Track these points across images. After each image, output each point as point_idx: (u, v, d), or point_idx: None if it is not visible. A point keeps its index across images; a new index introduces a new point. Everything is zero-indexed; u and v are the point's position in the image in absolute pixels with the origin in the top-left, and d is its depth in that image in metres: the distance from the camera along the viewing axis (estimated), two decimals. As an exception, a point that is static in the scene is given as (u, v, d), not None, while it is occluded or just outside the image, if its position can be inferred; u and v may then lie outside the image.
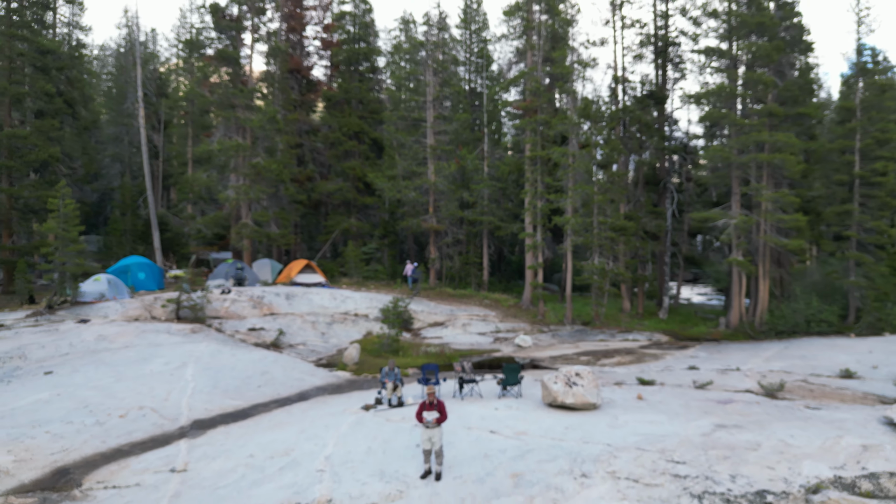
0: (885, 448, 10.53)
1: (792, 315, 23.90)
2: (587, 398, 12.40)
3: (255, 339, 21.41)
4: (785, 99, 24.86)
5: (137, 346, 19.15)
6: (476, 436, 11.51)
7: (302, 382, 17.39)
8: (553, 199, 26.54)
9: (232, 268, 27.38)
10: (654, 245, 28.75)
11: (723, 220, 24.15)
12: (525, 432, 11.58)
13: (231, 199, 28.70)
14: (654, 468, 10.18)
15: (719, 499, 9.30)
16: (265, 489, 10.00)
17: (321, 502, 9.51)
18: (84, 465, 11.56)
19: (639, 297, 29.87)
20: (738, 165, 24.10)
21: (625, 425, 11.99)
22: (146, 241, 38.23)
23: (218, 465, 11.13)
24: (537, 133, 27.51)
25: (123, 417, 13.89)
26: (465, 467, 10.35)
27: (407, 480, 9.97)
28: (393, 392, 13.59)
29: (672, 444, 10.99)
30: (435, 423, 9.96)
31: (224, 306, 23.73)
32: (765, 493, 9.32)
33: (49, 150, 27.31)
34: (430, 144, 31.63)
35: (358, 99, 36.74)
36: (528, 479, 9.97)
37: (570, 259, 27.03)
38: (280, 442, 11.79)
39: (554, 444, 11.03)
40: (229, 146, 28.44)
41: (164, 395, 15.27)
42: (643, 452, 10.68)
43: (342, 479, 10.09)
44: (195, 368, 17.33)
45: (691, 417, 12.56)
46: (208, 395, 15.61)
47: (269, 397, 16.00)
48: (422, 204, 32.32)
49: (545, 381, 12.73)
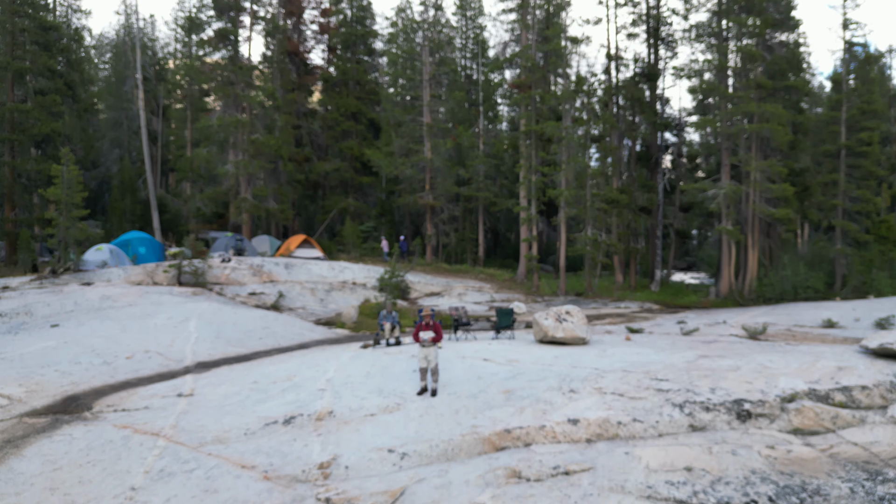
0: (859, 368, 11.10)
1: (780, 283, 24.51)
2: (577, 333, 12.92)
3: (255, 302, 21.90)
4: (773, 73, 25.46)
5: (141, 305, 19.60)
6: (470, 363, 12.03)
7: (302, 336, 17.89)
8: (547, 171, 27.09)
9: (231, 240, 27.87)
10: (646, 220, 29.33)
11: (712, 190, 24.73)
12: (517, 360, 12.11)
13: (230, 173, 29.16)
14: (639, 385, 10.72)
15: (699, 406, 9.86)
16: (269, 405, 10.50)
17: (322, 413, 10.03)
18: (93, 394, 12.04)
19: (631, 270, 30.43)
20: (728, 137, 24.67)
21: (612, 356, 12.54)
22: (146, 222, 38.66)
23: (223, 390, 11.63)
24: (532, 108, 28.04)
25: (130, 359, 14.36)
26: (459, 386, 10.87)
27: (404, 396, 10.49)
28: (391, 333, 14.09)
29: (657, 368, 11.54)
30: (431, 341, 10.46)
31: (224, 273, 24.19)
32: (742, 402, 9.87)
33: (51, 124, 27.74)
34: (426, 122, 32.13)
35: (355, 80, 37.23)
36: (519, 394, 10.50)
37: (564, 231, 27.57)
38: (282, 371, 12.30)
39: (544, 369, 11.57)
40: (229, 122, 28.90)
41: (169, 343, 15.74)
42: (629, 374, 11.23)
43: (342, 395, 10.60)
44: (198, 323, 17.80)
45: (677, 351, 13.11)
46: (211, 343, 16.08)
47: (270, 347, 16.49)
48: (419, 181, 32.84)
49: (536, 317, 13.26)
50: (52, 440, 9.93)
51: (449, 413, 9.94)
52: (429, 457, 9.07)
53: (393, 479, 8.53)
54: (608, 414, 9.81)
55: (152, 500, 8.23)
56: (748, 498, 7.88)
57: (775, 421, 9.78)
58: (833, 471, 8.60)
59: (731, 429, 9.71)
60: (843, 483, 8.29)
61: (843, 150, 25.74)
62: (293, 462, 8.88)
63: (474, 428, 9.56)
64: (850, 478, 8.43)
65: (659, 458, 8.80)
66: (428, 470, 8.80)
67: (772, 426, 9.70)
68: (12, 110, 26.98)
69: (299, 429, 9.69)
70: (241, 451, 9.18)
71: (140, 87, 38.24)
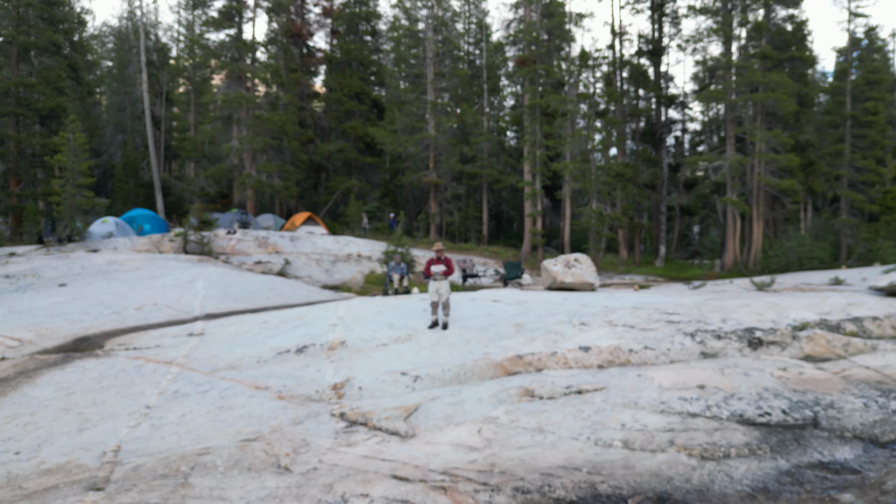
0: (869, 303, 11.11)
1: (785, 254, 24.47)
2: (586, 278, 12.93)
3: (261, 269, 21.93)
4: (778, 44, 25.43)
5: (147, 269, 19.64)
6: (480, 304, 12.05)
7: (309, 297, 17.90)
8: (552, 145, 27.07)
9: (236, 215, 27.89)
10: (650, 196, 29.34)
11: (718, 162, 24.71)
12: (526, 301, 12.13)
13: (235, 149, 29.17)
14: (650, 318, 10.74)
15: (710, 335, 9.87)
16: (280, 339, 10.53)
17: (335, 343, 10.05)
18: (104, 335, 12.06)
19: (635, 246, 30.43)
20: (733, 108, 24.65)
21: (622, 298, 12.55)
22: (149, 204, 38.71)
23: (233, 330, 11.65)
24: (536, 83, 28.03)
25: (139, 309, 14.39)
26: (469, 321, 10.89)
27: (415, 329, 10.51)
28: (400, 283, 14.10)
29: (667, 305, 11.55)
30: (442, 275, 10.47)
31: (230, 244, 24.22)
32: (753, 330, 9.88)
33: (56, 99, 27.75)
34: (430, 100, 32.12)
35: (359, 61, 37.23)
36: (530, 327, 10.52)
37: (569, 206, 27.57)
38: (293, 313, 12.33)
39: (554, 307, 11.58)
40: (233, 97, 28.91)
41: (177, 298, 15.77)
42: (639, 310, 11.24)
43: (353, 329, 10.63)
44: (205, 283, 17.83)
45: (686, 296, 13.12)
46: (219, 300, 16.11)
47: (277, 304, 16.51)
48: (422, 159, 32.83)
49: (545, 264, 13.26)
50: (64, 371, 9.96)
51: (460, 343, 9.96)
52: (441, 380, 9.09)
53: (406, 398, 8.54)
54: (619, 342, 9.83)
55: (167, 416, 8.24)
56: (761, 410, 7.88)
57: (787, 349, 9.78)
58: (846, 389, 8.60)
59: (743, 356, 9.71)
60: (857, 399, 8.28)
61: (849, 121, 25.71)
62: (306, 384, 8.90)
63: (486, 355, 9.57)
64: (863, 395, 8.42)
65: (671, 379, 8.81)
66: (441, 390, 8.82)
67: (783, 353, 9.70)
68: (17, 84, 27.00)
69: (312, 357, 9.72)
70: (255, 376, 9.21)
71: (143, 70, 38.23)
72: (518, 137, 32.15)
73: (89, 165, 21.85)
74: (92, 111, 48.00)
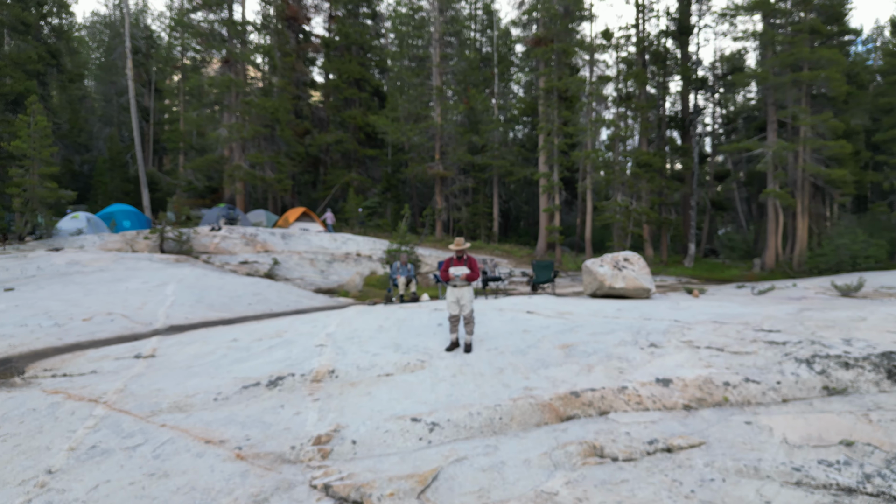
0: None
1: (835, 252, 21.82)
2: (640, 282, 10.31)
3: (246, 270, 19.33)
4: (826, 17, 22.78)
5: (113, 270, 17.05)
6: (510, 316, 9.44)
7: (299, 303, 15.31)
8: (572, 132, 24.40)
9: (223, 210, 25.30)
10: (678, 187, 26.66)
11: (759, 149, 22.04)
12: (570, 312, 9.51)
13: (223, 137, 26.54)
14: (741, 337, 8.12)
15: (833, 362, 7.22)
16: (250, 364, 7.94)
17: (321, 372, 7.45)
18: (31, 357, 9.49)
19: (662, 243, 27.76)
20: (776, 88, 21.97)
21: (689, 308, 9.92)
22: (135, 200, 36.20)
23: (193, 350, 9.06)
24: (554, 63, 25.36)
25: (88, 321, 11.80)
26: (500, 341, 8.29)
27: (429, 352, 7.91)
28: (405, 288, 11.49)
29: (756, 319, 8.93)
30: (464, 279, 7.87)
31: (213, 242, 21.62)
32: (892, 355, 7.24)
33: (25, 83, 25.18)
34: (436, 85, 29.46)
35: (359, 45, 34.57)
36: (582, 349, 7.91)
37: (591, 199, 24.93)
38: (271, 327, 9.73)
39: (608, 321, 8.98)
40: (221, 81, 26.29)
41: (139, 305, 13.18)
42: (722, 325, 8.63)
43: (347, 352, 8.03)
44: (177, 287, 15.25)
45: (767, 305, 10.49)
46: (190, 307, 13.52)
47: (260, 312, 13.93)
48: (427, 149, 30.18)
49: (588, 265, 10.64)
50: (-46, 411, 7.37)
51: (491, 372, 7.36)
52: (468, 428, 6.49)
53: (420, 459, 5.95)
54: (709, 373, 7.21)
55: (72, 489, 5.64)
56: (954, 483, 5.28)
57: (943, 381, 7.16)
58: None
59: (882, 391, 7.08)
60: None
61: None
62: (279, 435, 6.32)
63: (528, 391, 6.98)
64: None
65: (799, 429, 6.19)
66: (469, 446, 6.20)
67: (939, 388, 7.09)
68: (-19, 66, 24.48)
69: (289, 392, 7.13)
70: (208, 421, 6.62)
71: (129, 56, 35.62)
72: (531, 127, 29.45)
73: (52, 153, 19.23)
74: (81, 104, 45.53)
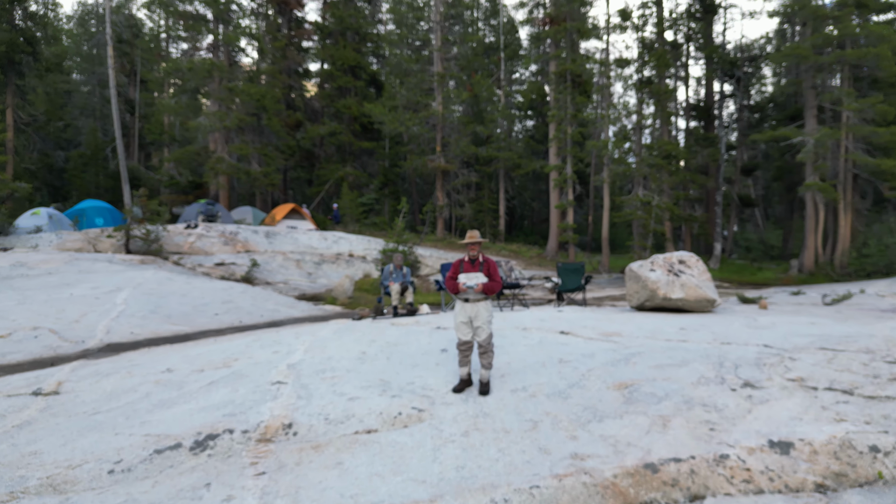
0: None
1: (884, 252, 19.50)
2: (703, 291, 7.94)
3: (221, 273, 16.99)
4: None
5: (63, 273, 14.71)
6: (539, 338, 7.05)
7: (276, 313, 12.96)
8: (587, 119, 22.03)
9: (202, 206, 22.96)
10: (704, 181, 24.29)
11: (799, 138, 19.68)
12: (618, 333, 7.13)
13: (203, 126, 24.18)
14: (873, 373, 5.75)
15: None
16: (176, 411, 5.55)
17: (273, 427, 5.05)
18: None
19: (685, 242, 25.41)
20: (817, 68, 19.62)
21: (773, 326, 7.55)
22: (116, 197, 33.90)
23: (110, 385, 6.68)
24: (567, 45, 22.99)
25: (4, 338, 9.45)
26: (529, 376, 5.92)
27: (430, 394, 5.53)
28: (400, 297, 9.13)
29: (877, 344, 6.58)
30: (480, 290, 5.49)
31: (188, 241, 19.29)
32: None
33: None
34: (437, 71, 27.10)
35: (354, 30, 32.19)
36: (648, 391, 5.52)
37: (608, 194, 22.56)
38: (219, 353, 7.35)
39: (673, 347, 6.60)
40: (202, 65, 23.94)
41: (76, 318, 10.82)
42: (835, 353, 6.27)
43: (313, 393, 5.64)
44: (132, 293, 12.89)
45: (866, 322, 8.15)
46: (141, 319, 11.17)
47: (226, 325, 11.58)
48: (428, 141, 27.82)
49: (635, 269, 8.27)
50: None
51: (520, 428, 4.95)
52: (493, 528, 4.11)
53: None
54: (844, 430, 4.82)
55: None
56: None
57: None
58: None
59: None
60: None
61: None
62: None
63: (578, 460, 4.59)
64: None
65: None
66: (495, 564, 3.83)
67: None
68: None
69: (222, 460, 4.71)
70: (84, 517, 4.25)
71: (109, 43, 33.25)
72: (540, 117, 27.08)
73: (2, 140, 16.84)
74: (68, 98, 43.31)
